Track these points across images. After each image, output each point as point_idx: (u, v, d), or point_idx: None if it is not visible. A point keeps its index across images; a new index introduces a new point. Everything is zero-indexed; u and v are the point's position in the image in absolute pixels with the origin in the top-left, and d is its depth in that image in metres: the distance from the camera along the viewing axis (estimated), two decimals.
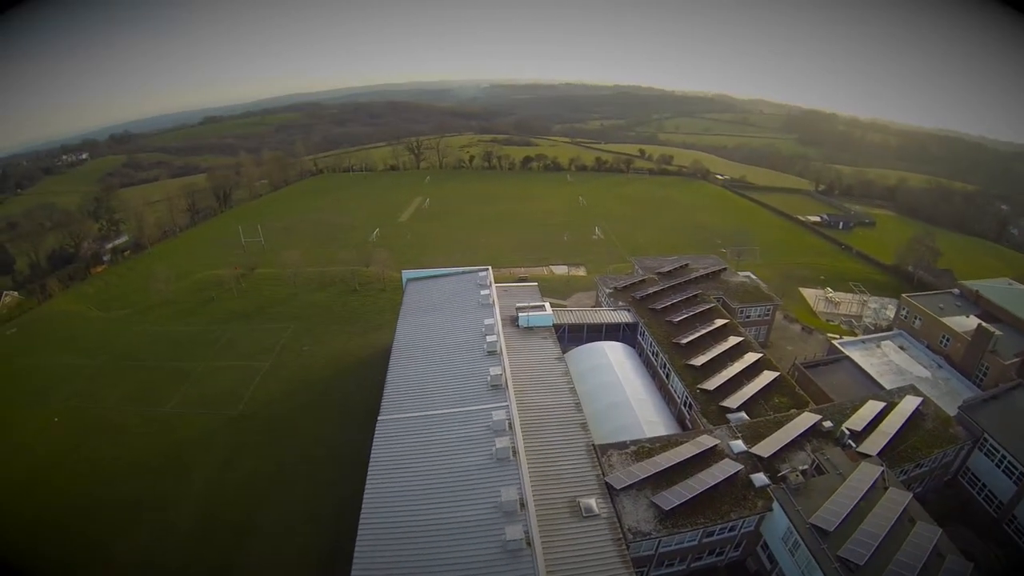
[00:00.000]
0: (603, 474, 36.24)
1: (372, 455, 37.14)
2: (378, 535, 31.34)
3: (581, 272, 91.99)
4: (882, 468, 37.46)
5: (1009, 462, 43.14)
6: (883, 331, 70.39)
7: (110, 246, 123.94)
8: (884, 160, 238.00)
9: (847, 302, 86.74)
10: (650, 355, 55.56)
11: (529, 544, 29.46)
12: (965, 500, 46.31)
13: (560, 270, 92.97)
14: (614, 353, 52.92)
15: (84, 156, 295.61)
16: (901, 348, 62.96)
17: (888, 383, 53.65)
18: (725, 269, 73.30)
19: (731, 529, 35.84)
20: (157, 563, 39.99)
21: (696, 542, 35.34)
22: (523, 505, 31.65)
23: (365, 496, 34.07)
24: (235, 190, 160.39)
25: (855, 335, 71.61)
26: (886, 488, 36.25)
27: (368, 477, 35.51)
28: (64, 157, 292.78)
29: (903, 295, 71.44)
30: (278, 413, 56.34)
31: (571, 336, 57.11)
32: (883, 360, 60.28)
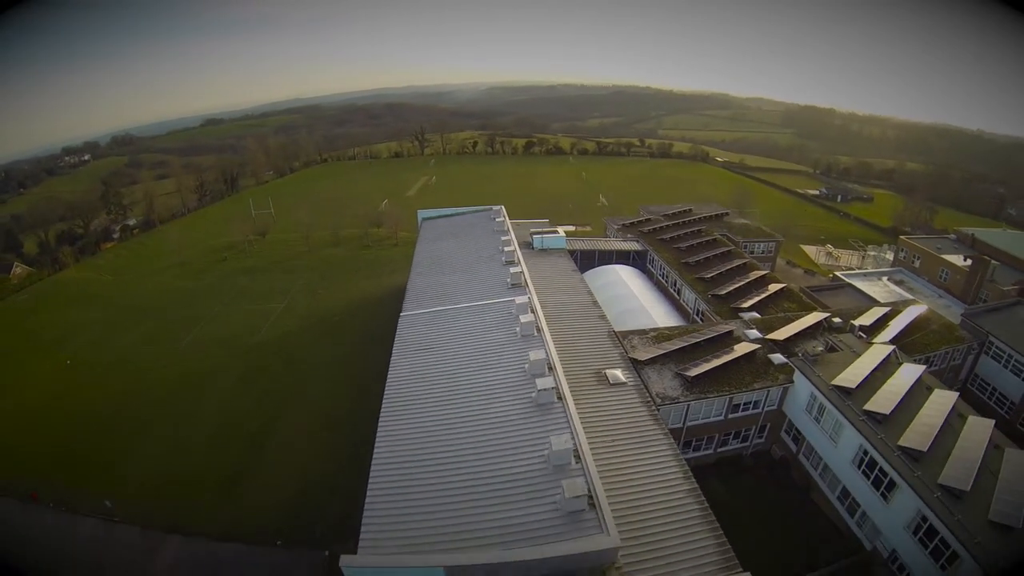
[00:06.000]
0: (626, 353, 37.34)
1: (395, 342, 37.90)
2: (400, 404, 31.45)
3: (587, 230, 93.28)
4: (893, 347, 38.77)
5: (1017, 361, 44.14)
6: None
7: (119, 225, 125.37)
8: (882, 151, 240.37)
9: (847, 255, 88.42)
10: (660, 278, 57.04)
11: (560, 398, 30.06)
12: (977, 407, 47.21)
13: (567, 228, 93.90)
14: (626, 272, 54.42)
15: (86, 157, 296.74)
16: (901, 281, 64.48)
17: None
18: (728, 213, 74.96)
19: (755, 405, 36.80)
20: (172, 471, 40.12)
21: (722, 417, 36.22)
22: (551, 368, 32.51)
23: (389, 372, 34.56)
24: (241, 178, 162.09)
25: None
26: (900, 363, 37.54)
27: (392, 359, 36.00)
28: (67, 158, 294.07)
29: (901, 237, 73.36)
30: (293, 342, 57.35)
31: (583, 265, 58.32)
32: (885, 289, 61.66)
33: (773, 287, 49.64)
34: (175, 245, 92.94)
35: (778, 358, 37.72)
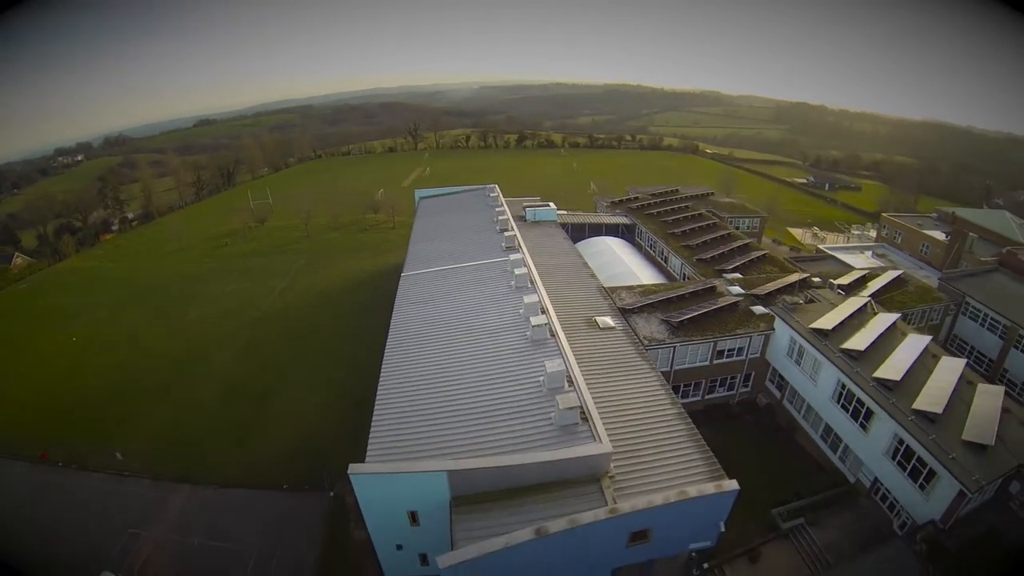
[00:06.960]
0: (615, 304, 39.11)
1: (397, 296, 39.58)
2: (404, 340, 33.50)
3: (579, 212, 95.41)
4: (869, 299, 40.71)
5: (992, 319, 45.88)
6: None
7: (118, 218, 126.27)
8: (874, 147, 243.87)
9: (833, 236, 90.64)
10: (647, 249, 58.97)
11: (553, 335, 31.82)
12: None
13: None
14: (615, 243, 56.36)
15: (80, 158, 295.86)
16: (883, 255, 66.65)
17: None
18: (713, 193, 77.11)
19: (739, 352, 38.57)
20: (181, 428, 41.58)
21: (708, 362, 37.94)
22: (544, 311, 34.22)
23: (392, 317, 36.44)
24: (237, 174, 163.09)
25: None
26: (875, 313, 39.47)
27: (394, 308, 37.79)
28: (60, 159, 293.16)
29: (883, 214, 75.42)
30: (296, 314, 59.08)
31: (574, 238, 59.90)
32: (867, 261, 63.68)
33: (756, 252, 51.62)
34: (175, 234, 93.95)
35: (759, 309, 39.62)
